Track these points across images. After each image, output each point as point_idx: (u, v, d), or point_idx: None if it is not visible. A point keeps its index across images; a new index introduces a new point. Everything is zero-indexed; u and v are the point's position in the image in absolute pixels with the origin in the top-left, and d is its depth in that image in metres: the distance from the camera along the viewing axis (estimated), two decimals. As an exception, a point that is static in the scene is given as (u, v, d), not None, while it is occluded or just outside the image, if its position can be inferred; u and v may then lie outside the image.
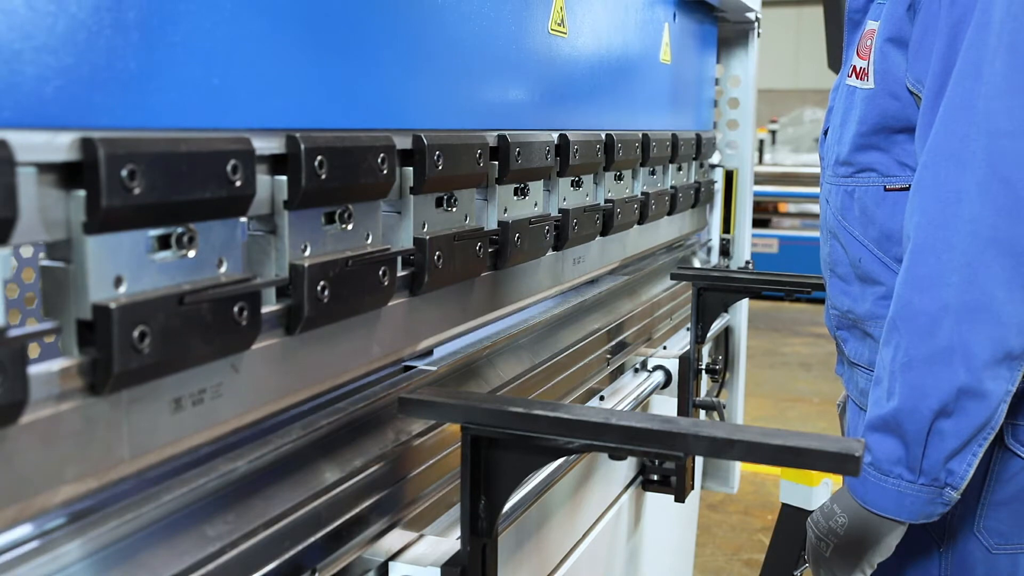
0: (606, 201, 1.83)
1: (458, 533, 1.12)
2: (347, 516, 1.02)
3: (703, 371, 2.38)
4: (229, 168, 0.81)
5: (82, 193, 0.70)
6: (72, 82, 0.70)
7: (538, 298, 1.61)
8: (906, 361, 1.35)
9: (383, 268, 1.05)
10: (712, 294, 2.22)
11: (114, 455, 0.75)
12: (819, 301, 1.83)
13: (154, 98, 0.77)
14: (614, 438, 1.00)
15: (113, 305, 0.71)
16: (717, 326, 2.62)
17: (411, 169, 1.13)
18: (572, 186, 1.66)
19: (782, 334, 8.49)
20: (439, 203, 1.21)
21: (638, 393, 1.98)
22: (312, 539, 0.96)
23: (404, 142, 1.11)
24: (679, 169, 2.41)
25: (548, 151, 1.48)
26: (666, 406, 2.20)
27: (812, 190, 9.18)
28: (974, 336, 1.30)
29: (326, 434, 1.06)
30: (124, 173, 0.70)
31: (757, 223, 6.77)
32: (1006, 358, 1.31)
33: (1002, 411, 1.33)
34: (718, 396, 2.76)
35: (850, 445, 0.93)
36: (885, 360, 1.40)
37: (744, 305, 2.99)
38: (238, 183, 0.82)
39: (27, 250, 1.57)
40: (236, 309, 0.83)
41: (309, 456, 1.03)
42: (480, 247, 1.28)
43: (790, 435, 0.96)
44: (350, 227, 1.02)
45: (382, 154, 1.03)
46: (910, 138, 1.50)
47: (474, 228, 1.28)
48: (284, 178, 0.91)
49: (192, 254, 0.80)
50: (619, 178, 1.91)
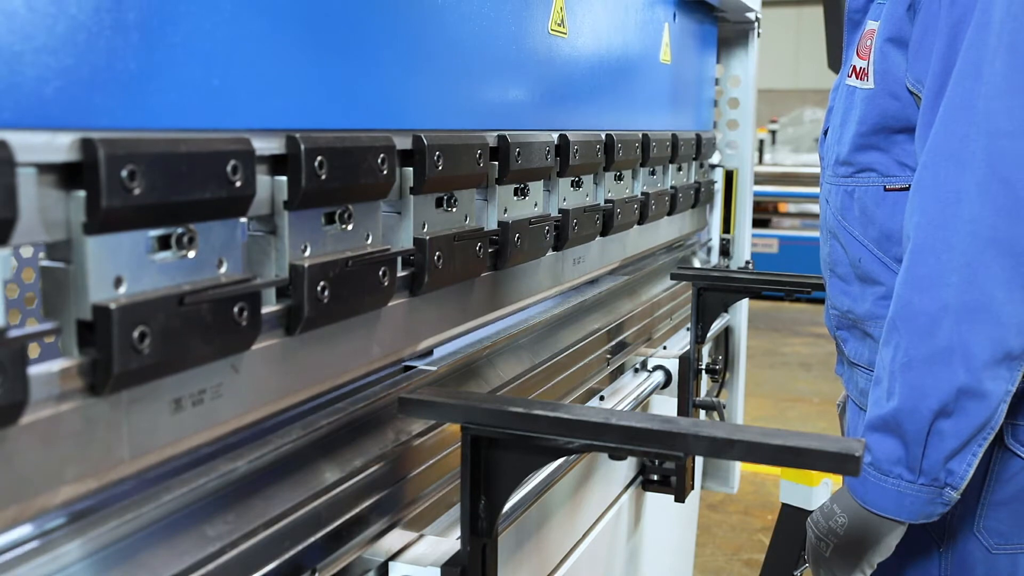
0: (606, 201, 1.83)
1: (458, 533, 1.12)
2: (347, 516, 1.02)
3: (703, 371, 2.38)
4: (229, 168, 0.81)
5: (82, 194, 0.70)
6: (72, 83, 0.70)
7: (538, 298, 1.61)
8: (906, 361, 1.35)
9: (383, 268, 1.05)
10: (712, 294, 2.22)
11: (114, 455, 0.75)
12: (819, 301, 1.83)
13: (154, 99, 0.77)
14: (614, 438, 1.00)
15: (113, 305, 0.71)
16: (717, 326, 2.62)
17: (411, 169, 1.13)
18: (572, 186, 1.66)
19: (782, 334, 8.49)
20: (439, 203, 1.21)
21: (638, 393, 1.98)
22: (312, 539, 0.96)
23: (404, 142, 1.11)
24: (679, 169, 2.41)
25: (548, 151, 1.48)
26: (666, 406, 2.20)
27: (812, 190, 9.18)
28: (974, 336, 1.31)
29: (326, 434, 1.06)
30: (124, 173, 0.70)
31: (757, 223, 6.77)
32: (1006, 358, 1.31)
33: (1002, 411, 1.34)
34: (718, 396, 2.76)
35: (850, 445, 0.93)
36: (885, 360, 1.40)
37: (744, 305, 2.99)
38: (238, 183, 0.82)
39: (27, 250, 1.56)
40: (236, 309, 0.83)
41: (309, 456, 1.03)
42: (480, 247, 1.28)
43: (790, 435, 0.96)
44: (350, 227, 1.02)
45: (382, 154, 1.03)
46: (910, 138, 1.50)
47: (474, 228, 1.28)
48: (284, 178, 0.91)
49: (192, 254, 0.80)
50: (619, 178, 1.91)
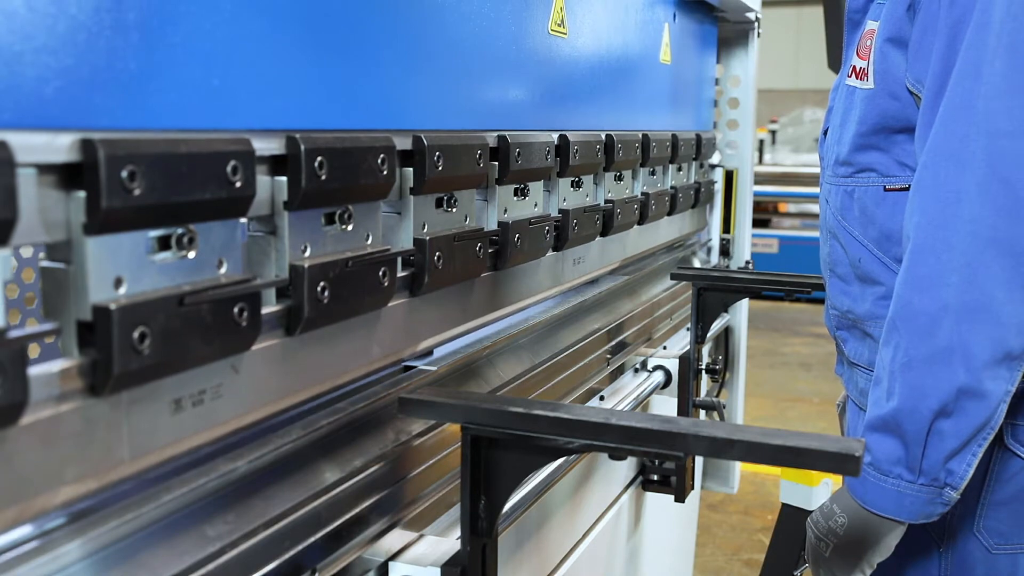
0: (606, 201, 1.83)
1: (458, 533, 1.12)
2: (347, 516, 1.02)
3: (703, 371, 2.38)
4: (229, 169, 0.81)
5: (82, 194, 0.70)
6: (72, 83, 0.70)
7: (538, 298, 1.61)
8: (906, 361, 1.35)
9: (383, 269, 1.05)
10: (712, 294, 2.22)
11: (114, 456, 0.75)
12: (819, 301, 1.83)
13: (154, 99, 0.77)
14: (614, 438, 1.00)
15: (113, 306, 0.71)
16: (717, 326, 2.62)
17: (411, 170, 1.13)
18: (572, 186, 1.66)
19: (782, 334, 8.48)
20: (439, 204, 1.21)
21: (638, 393, 1.98)
22: (312, 539, 0.96)
23: (404, 143, 1.11)
24: (679, 169, 2.41)
25: (548, 151, 1.48)
26: (666, 406, 2.20)
27: (812, 190, 9.17)
28: (974, 336, 1.31)
29: (326, 434, 1.06)
30: (124, 174, 0.70)
31: (757, 223, 6.77)
32: (1006, 358, 1.31)
33: (1002, 411, 1.34)
34: (718, 396, 2.76)
35: (850, 445, 0.93)
36: (885, 360, 1.40)
37: (744, 305, 2.99)
38: (238, 184, 0.82)
39: (27, 250, 1.56)
40: (236, 310, 0.83)
41: (309, 456, 1.03)
42: (480, 248, 1.28)
43: (790, 435, 0.96)
44: (350, 228, 1.02)
45: (382, 155, 1.03)
46: (910, 138, 1.50)
47: (474, 229, 1.28)
48: (284, 179, 0.91)
49: (192, 255, 0.80)
50: (619, 178, 1.91)
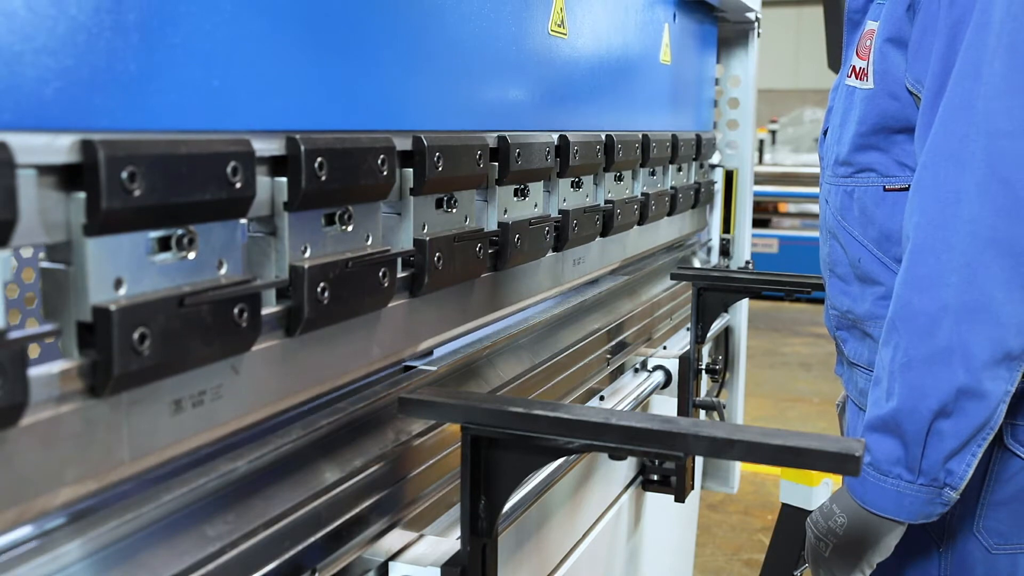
0: (606, 202, 1.83)
1: (458, 533, 1.12)
2: (347, 516, 1.02)
3: (703, 371, 2.38)
4: (229, 170, 0.81)
5: (82, 195, 0.70)
6: (72, 84, 0.70)
7: (538, 299, 1.62)
8: (905, 361, 1.35)
9: (383, 269, 1.05)
10: (712, 294, 2.22)
11: (114, 457, 0.75)
12: (819, 301, 1.83)
13: (154, 100, 0.78)
14: (614, 438, 1.00)
15: (113, 307, 0.71)
16: (717, 326, 2.62)
17: (411, 170, 1.13)
18: (572, 187, 1.66)
19: (782, 334, 8.48)
20: (439, 204, 1.21)
21: (638, 393, 1.98)
22: (312, 539, 0.96)
23: (404, 143, 1.11)
24: (679, 169, 2.41)
25: (548, 152, 1.48)
26: (666, 406, 2.20)
27: (812, 190, 9.17)
28: (973, 336, 1.31)
29: (326, 434, 1.06)
30: (124, 175, 0.71)
31: (757, 223, 6.77)
32: (1005, 358, 1.31)
33: (1001, 411, 1.34)
34: (718, 396, 2.76)
35: (850, 445, 0.93)
36: (884, 360, 1.40)
37: (744, 305, 2.99)
38: (238, 185, 0.82)
39: (27, 251, 1.56)
40: (236, 311, 0.83)
41: (309, 456, 1.03)
42: (480, 248, 1.29)
43: (790, 435, 0.96)
44: (350, 228, 1.02)
45: (382, 155, 1.03)
46: (909, 138, 1.50)
47: (474, 229, 1.28)
48: (284, 180, 0.91)
49: (192, 256, 0.80)
50: (619, 179, 1.91)
